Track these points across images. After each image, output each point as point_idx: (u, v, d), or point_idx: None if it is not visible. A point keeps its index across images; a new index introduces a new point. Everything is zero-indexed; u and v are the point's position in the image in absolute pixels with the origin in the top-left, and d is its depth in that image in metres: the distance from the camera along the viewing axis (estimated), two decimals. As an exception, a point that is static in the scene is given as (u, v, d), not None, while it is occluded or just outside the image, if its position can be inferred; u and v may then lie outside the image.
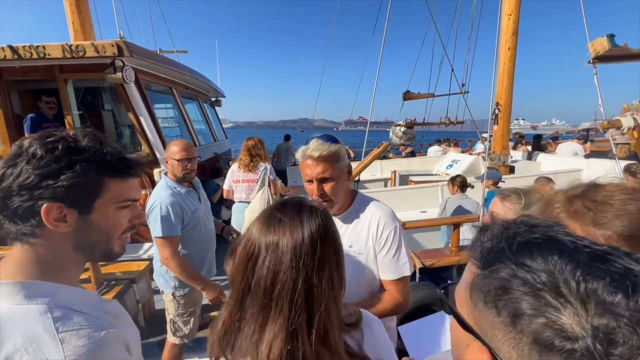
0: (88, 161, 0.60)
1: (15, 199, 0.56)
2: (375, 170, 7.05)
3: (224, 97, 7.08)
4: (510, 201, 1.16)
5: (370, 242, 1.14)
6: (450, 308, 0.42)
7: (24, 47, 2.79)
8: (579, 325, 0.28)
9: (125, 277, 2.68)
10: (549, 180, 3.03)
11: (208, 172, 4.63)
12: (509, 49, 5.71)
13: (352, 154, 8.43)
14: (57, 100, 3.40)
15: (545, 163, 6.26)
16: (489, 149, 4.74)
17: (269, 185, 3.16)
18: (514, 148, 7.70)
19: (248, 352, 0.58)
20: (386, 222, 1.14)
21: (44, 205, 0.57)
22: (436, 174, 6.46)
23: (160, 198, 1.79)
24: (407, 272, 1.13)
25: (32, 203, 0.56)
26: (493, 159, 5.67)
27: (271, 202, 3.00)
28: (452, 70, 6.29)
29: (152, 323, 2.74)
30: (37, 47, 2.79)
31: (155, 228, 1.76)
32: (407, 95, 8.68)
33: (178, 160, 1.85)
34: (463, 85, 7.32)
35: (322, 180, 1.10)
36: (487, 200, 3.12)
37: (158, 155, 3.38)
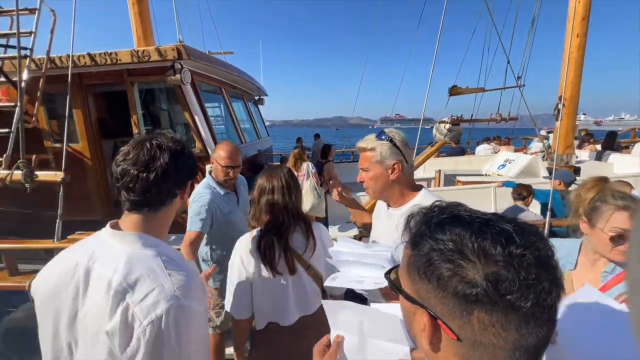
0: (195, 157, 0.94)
1: (181, 179, 0.87)
2: (417, 168, 6.77)
3: (267, 95, 7.27)
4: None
5: None
6: (395, 286, 0.51)
7: (99, 54, 3.11)
8: (477, 275, 0.38)
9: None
10: (626, 184, 2.48)
11: (252, 169, 4.81)
12: (577, 35, 5.05)
13: None
14: (122, 102, 3.75)
15: (619, 164, 5.48)
16: (549, 148, 4.25)
17: (312, 177, 4.12)
18: (579, 147, 6.87)
19: None
20: None
21: (190, 183, 0.91)
22: (486, 175, 6.00)
23: (198, 194, 1.93)
24: None
25: (186, 181, 0.90)
26: (554, 159, 5.10)
27: (316, 189, 3.99)
28: (508, 61, 5.76)
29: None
30: (111, 53, 3.09)
31: (187, 221, 1.92)
32: (454, 90, 8.12)
33: (222, 167, 1.93)
34: (519, 77, 6.67)
35: (363, 169, 1.25)
36: (555, 200, 2.77)
37: (210, 152, 3.57)
